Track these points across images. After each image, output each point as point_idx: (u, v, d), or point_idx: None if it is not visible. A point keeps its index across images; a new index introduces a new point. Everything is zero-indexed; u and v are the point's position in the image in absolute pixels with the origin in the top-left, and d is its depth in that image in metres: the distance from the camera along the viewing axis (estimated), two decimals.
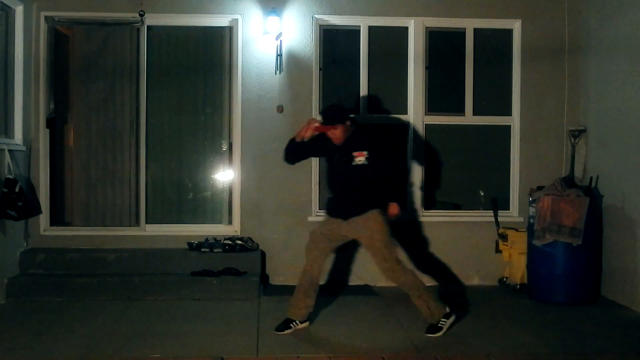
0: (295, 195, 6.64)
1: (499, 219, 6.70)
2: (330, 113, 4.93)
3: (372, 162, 4.85)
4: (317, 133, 4.88)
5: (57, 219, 6.75)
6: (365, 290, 6.46)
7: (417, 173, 6.79)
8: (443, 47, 6.91)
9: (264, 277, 6.52)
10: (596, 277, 6.14)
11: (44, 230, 6.53)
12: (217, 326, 5.08)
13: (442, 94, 6.92)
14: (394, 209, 4.91)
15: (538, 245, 5.96)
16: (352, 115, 5.10)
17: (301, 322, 5.01)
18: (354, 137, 4.90)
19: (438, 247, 6.73)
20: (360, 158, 4.83)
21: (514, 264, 6.48)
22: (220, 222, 6.82)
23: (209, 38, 6.85)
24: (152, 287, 5.96)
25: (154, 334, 4.85)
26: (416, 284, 4.90)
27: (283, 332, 4.89)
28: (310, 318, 5.16)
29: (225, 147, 6.83)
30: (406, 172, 5.90)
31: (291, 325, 4.96)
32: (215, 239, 6.42)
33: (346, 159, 4.86)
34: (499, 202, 6.79)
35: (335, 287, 6.50)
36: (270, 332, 4.91)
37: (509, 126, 6.92)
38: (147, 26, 6.63)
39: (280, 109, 6.61)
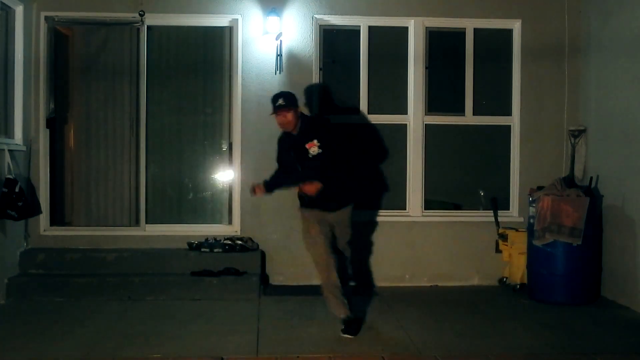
0: (295, 195, 6.62)
1: (499, 219, 6.70)
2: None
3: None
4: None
5: (57, 219, 6.74)
6: (366, 290, 6.45)
7: (417, 173, 6.80)
8: (443, 47, 6.91)
9: (264, 277, 6.52)
10: (596, 277, 6.14)
11: (44, 230, 6.53)
12: (217, 326, 5.08)
13: (442, 94, 6.92)
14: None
15: (538, 245, 5.96)
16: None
17: None
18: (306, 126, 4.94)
19: (438, 247, 6.73)
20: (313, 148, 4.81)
21: (514, 264, 6.48)
22: (220, 222, 6.82)
23: (209, 38, 6.85)
24: (152, 287, 5.96)
25: (154, 334, 4.85)
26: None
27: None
28: (311, 318, 5.16)
29: (225, 147, 6.83)
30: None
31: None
32: (215, 239, 6.42)
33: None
34: (499, 202, 6.79)
35: None
36: (270, 332, 4.91)
37: (509, 126, 6.92)
38: (147, 26, 6.62)
39: None
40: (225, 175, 6.85)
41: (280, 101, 4.87)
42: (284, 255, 6.60)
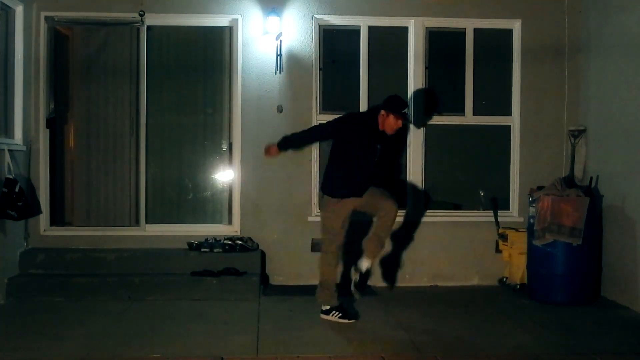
0: (295, 195, 6.64)
1: (499, 219, 6.70)
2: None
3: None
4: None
5: (57, 219, 6.74)
6: (366, 290, 6.44)
7: (417, 173, 6.80)
8: (443, 47, 6.91)
9: (264, 277, 6.52)
10: (596, 277, 6.14)
11: (44, 230, 6.53)
12: (217, 326, 5.08)
13: (442, 94, 6.92)
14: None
15: (538, 245, 5.96)
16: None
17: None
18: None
19: (438, 247, 6.73)
20: None
21: (514, 264, 6.48)
22: (220, 222, 6.82)
23: (209, 38, 6.85)
24: (152, 287, 5.96)
25: (154, 334, 4.85)
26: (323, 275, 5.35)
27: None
28: (311, 318, 5.17)
29: (225, 147, 6.83)
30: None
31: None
32: (215, 239, 6.42)
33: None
34: (499, 202, 6.79)
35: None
36: (270, 332, 4.91)
37: (509, 126, 6.92)
38: (147, 26, 6.63)
39: (280, 109, 6.62)
40: (225, 175, 6.85)
41: (406, 110, 5.21)
42: (284, 255, 6.60)
